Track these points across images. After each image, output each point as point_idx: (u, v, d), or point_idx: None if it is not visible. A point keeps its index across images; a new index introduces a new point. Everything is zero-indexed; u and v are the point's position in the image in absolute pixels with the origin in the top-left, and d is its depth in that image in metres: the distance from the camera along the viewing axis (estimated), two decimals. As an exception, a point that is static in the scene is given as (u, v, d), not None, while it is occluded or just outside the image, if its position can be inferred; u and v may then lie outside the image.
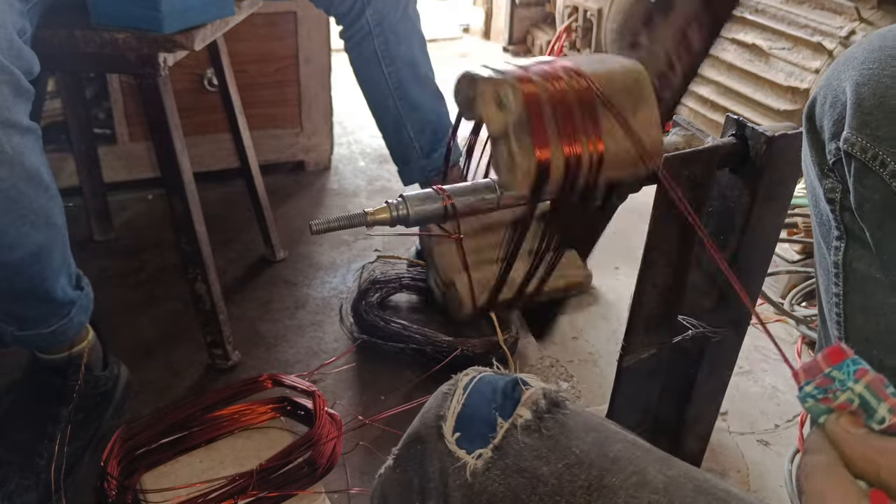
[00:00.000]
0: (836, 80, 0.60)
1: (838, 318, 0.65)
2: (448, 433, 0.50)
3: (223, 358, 1.26)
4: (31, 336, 0.99)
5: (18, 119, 0.82)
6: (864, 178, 0.57)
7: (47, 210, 0.89)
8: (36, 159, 0.85)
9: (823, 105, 0.62)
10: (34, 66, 0.85)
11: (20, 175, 0.83)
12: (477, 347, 1.28)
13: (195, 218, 1.17)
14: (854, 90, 0.57)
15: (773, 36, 1.87)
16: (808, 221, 1.55)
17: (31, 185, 0.85)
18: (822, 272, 0.67)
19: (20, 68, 0.81)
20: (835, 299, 0.64)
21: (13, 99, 0.80)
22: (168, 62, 1.06)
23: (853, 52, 0.60)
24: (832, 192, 0.63)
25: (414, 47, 1.40)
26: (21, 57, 0.82)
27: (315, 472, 0.93)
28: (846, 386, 0.35)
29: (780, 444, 1.18)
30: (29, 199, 0.85)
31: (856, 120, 0.57)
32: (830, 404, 0.36)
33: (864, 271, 0.63)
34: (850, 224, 0.62)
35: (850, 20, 1.73)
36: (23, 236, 0.86)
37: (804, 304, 1.47)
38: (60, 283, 0.96)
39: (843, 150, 0.58)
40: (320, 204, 1.85)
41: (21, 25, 0.84)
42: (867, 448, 0.34)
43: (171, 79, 1.10)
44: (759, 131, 0.68)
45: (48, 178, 0.88)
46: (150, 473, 0.93)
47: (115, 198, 1.71)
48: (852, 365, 0.35)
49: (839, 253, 0.64)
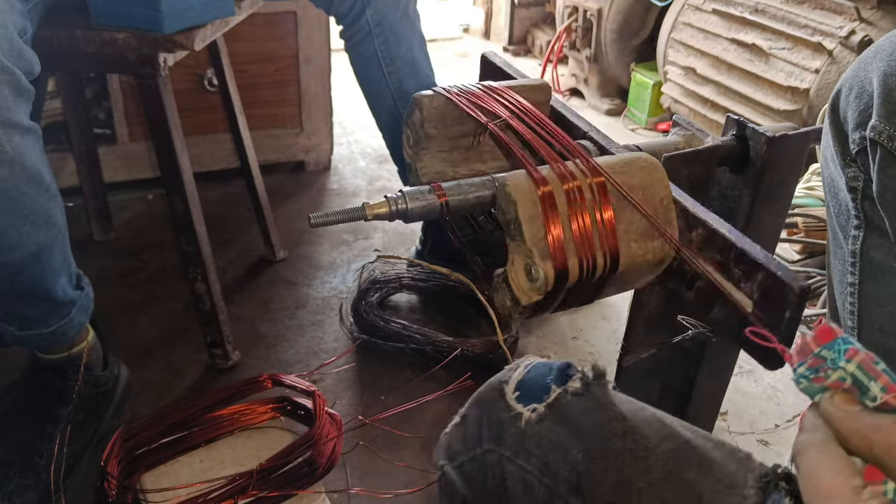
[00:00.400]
0: (862, 72, 0.62)
1: (852, 307, 0.65)
2: (509, 393, 0.58)
3: (223, 358, 1.26)
4: (31, 336, 0.99)
5: (19, 119, 0.82)
6: (889, 166, 0.58)
7: (48, 210, 0.89)
8: (36, 159, 0.85)
9: (849, 96, 0.63)
10: (35, 66, 0.85)
11: (21, 175, 0.83)
12: (477, 347, 1.28)
13: (195, 218, 1.17)
14: (882, 80, 0.58)
15: (773, 36, 1.87)
16: (808, 221, 1.55)
17: (31, 186, 0.85)
18: (838, 263, 0.68)
19: (21, 68, 0.81)
20: (850, 289, 0.65)
21: (14, 99, 0.80)
22: (168, 62, 1.06)
23: (881, 44, 0.62)
24: (854, 181, 0.64)
25: (414, 47, 1.40)
26: (22, 57, 0.82)
27: (315, 471, 0.93)
28: (837, 365, 0.35)
29: (780, 444, 1.18)
30: (30, 199, 0.85)
31: (884, 109, 0.58)
32: (823, 383, 0.36)
33: (881, 260, 0.64)
34: (869, 213, 0.64)
35: (850, 20, 1.73)
36: (23, 236, 0.86)
37: (804, 304, 1.47)
38: (61, 283, 0.96)
39: (870, 137, 0.59)
40: (320, 204, 1.85)
41: (22, 25, 0.83)
42: (861, 425, 0.35)
43: (171, 79, 1.10)
44: (760, 131, 0.69)
45: (49, 178, 0.88)
46: (150, 473, 0.93)
47: (115, 198, 1.71)
48: (842, 344, 0.35)
49: (857, 242, 0.65)
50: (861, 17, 1.72)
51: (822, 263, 1.53)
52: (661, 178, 0.56)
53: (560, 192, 0.52)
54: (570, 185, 0.52)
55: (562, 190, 0.52)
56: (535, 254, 0.52)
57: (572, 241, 0.53)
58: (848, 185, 0.65)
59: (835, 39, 1.73)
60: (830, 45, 1.73)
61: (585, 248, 0.53)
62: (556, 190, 0.52)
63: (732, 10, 1.98)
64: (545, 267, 0.52)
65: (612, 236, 0.54)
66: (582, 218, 0.53)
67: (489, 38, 3.34)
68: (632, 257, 0.55)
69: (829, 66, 1.74)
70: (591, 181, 0.53)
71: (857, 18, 1.72)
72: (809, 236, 1.54)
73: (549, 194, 0.52)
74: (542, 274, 0.52)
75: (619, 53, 2.45)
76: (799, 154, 0.72)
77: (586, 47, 2.50)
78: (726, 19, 2.01)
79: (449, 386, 1.19)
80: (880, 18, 1.71)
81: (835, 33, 1.73)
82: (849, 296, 0.65)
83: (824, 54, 1.74)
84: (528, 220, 0.52)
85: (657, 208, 0.56)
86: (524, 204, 0.52)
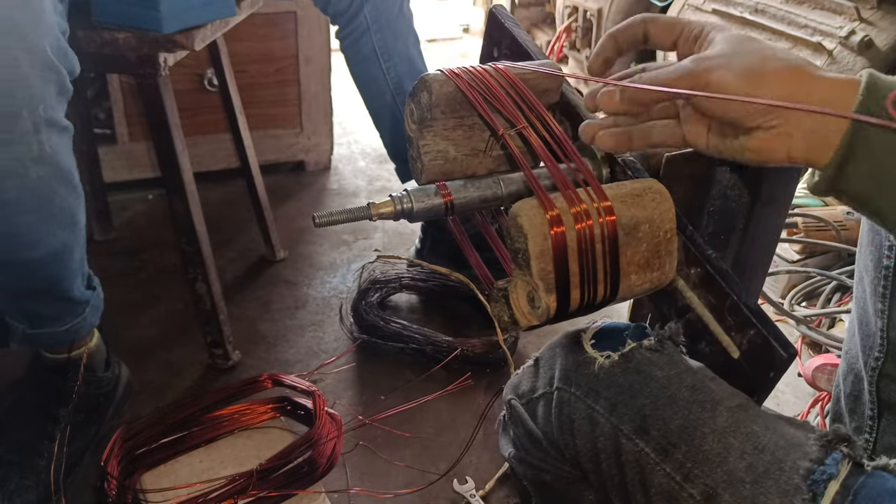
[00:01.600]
0: None
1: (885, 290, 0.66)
2: (586, 339, 0.63)
3: (223, 358, 1.26)
4: (42, 334, 0.99)
5: (59, 118, 0.84)
6: None
7: (74, 210, 0.90)
8: (69, 159, 0.87)
9: None
10: (76, 66, 0.86)
11: (55, 174, 0.84)
12: (477, 347, 1.28)
13: (195, 218, 1.17)
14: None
15: (773, 36, 1.87)
16: (808, 221, 1.55)
17: (62, 185, 0.86)
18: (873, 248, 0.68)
19: (66, 68, 0.83)
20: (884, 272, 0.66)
21: (57, 98, 0.82)
22: (168, 62, 1.06)
23: None
24: None
25: (410, 44, 1.41)
26: (67, 57, 0.83)
27: (315, 472, 0.93)
28: None
29: (781, 444, 1.17)
30: (60, 199, 0.87)
31: None
32: None
33: None
34: None
35: (849, 20, 1.73)
36: (48, 235, 0.87)
37: (804, 304, 1.47)
38: (77, 283, 0.96)
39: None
40: (320, 204, 1.85)
41: (63, 27, 0.85)
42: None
43: (171, 79, 1.10)
44: (760, 131, 0.68)
45: (77, 178, 0.90)
46: (150, 473, 0.93)
47: (115, 198, 1.71)
48: None
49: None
50: (861, 17, 1.72)
51: (822, 263, 1.53)
52: (669, 209, 0.56)
53: (571, 229, 0.52)
54: (581, 225, 0.53)
55: (573, 228, 0.52)
56: (540, 287, 0.52)
57: (577, 276, 0.53)
58: None
59: (835, 39, 1.73)
60: (830, 45, 1.73)
61: (589, 281, 0.54)
62: (568, 228, 0.52)
63: (732, 10, 1.98)
64: (549, 300, 0.53)
65: (615, 271, 0.55)
66: (590, 255, 0.53)
67: (489, 38, 3.34)
68: (630, 287, 0.56)
69: (828, 67, 1.74)
70: (604, 220, 0.53)
71: (857, 18, 1.72)
72: (809, 236, 1.54)
73: (562, 235, 0.52)
74: (544, 305, 0.53)
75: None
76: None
77: (586, 47, 2.50)
78: (726, 19, 2.01)
79: (449, 386, 1.19)
80: (880, 18, 1.71)
81: (835, 33, 1.73)
82: (882, 279, 0.66)
83: (824, 54, 1.74)
84: (538, 256, 0.52)
85: (661, 241, 0.56)
86: (535, 239, 0.52)
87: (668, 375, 0.57)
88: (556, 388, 0.62)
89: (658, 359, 0.58)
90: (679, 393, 0.56)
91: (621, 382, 0.58)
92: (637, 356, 0.59)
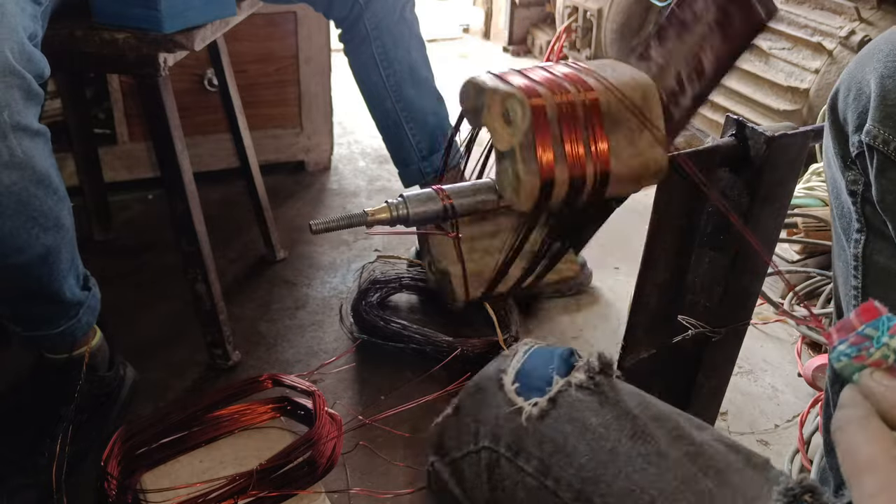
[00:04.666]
0: (860, 73, 0.60)
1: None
2: (508, 383, 0.55)
3: (223, 358, 1.26)
4: (38, 336, 0.99)
5: (29, 122, 0.82)
6: (887, 170, 0.57)
7: (56, 213, 0.89)
8: (46, 162, 0.86)
9: (847, 97, 0.61)
10: (45, 69, 0.85)
11: (30, 178, 0.83)
12: (477, 347, 1.28)
13: (195, 218, 1.17)
14: (879, 83, 0.57)
15: (773, 36, 1.87)
16: (808, 221, 1.55)
17: (40, 189, 0.85)
18: (841, 265, 0.67)
19: (31, 72, 0.81)
20: (853, 292, 0.65)
21: (24, 103, 0.81)
22: (168, 62, 1.06)
23: (877, 43, 0.60)
24: (854, 185, 0.63)
25: (412, 50, 1.40)
26: (32, 61, 0.82)
27: (315, 472, 0.93)
28: (881, 342, 0.35)
29: (780, 444, 1.18)
30: (39, 202, 0.86)
31: (879, 112, 0.56)
32: (864, 361, 0.36)
33: (884, 264, 0.63)
34: (871, 217, 0.62)
35: (849, 20, 1.73)
36: (32, 239, 0.86)
37: (804, 304, 1.47)
38: (69, 284, 0.96)
39: (866, 142, 0.58)
40: (320, 204, 1.85)
41: (33, 29, 0.84)
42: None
43: (171, 79, 1.10)
44: (759, 131, 0.68)
45: (57, 181, 0.89)
46: (150, 473, 0.93)
47: (115, 198, 1.71)
48: (887, 322, 0.35)
49: (859, 245, 0.64)
50: (861, 17, 1.72)
51: (822, 263, 1.53)
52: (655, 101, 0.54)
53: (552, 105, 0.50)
54: (561, 98, 0.50)
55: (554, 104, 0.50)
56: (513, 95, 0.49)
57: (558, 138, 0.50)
58: (848, 189, 0.63)
59: (835, 39, 1.73)
60: (830, 46, 1.73)
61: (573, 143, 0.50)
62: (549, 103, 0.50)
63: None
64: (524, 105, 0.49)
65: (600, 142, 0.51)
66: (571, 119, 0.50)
67: (489, 39, 3.34)
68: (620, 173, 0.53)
69: (828, 67, 1.74)
70: (584, 95, 0.51)
71: (857, 18, 1.72)
72: (809, 236, 1.54)
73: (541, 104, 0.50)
74: (519, 114, 0.49)
75: (619, 53, 2.45)
76: (798, 154, 0.72)
77: (586, 47, 2.50)
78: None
79: (449, 386, 1.19)
80: (880, 18, 1.71)
81: (835, 33, 1.73)
82: (852, 299, 0.65)
83: (824, 54, 1.74)
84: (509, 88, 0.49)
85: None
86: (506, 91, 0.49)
87: (605, 423, 0.50)
88: (482, 448, 0.54)
89: (591, 401, 0.51)
90: (620, 446, 0.49)
91: (554, 437, 0.51)
92: (567, 399, 0.52)
